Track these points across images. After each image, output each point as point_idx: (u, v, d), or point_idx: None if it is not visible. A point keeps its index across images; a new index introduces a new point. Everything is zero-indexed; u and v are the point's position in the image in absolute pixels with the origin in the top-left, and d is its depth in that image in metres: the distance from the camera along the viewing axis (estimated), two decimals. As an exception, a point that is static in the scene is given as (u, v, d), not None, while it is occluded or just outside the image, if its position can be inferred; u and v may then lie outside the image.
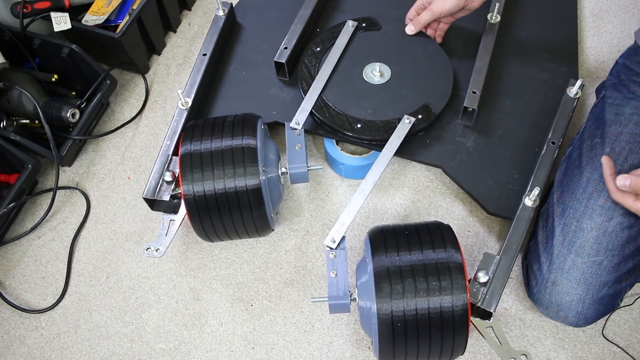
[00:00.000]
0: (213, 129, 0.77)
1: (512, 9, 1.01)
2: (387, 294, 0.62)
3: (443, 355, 0.66)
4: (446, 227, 0.69)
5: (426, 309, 0.62)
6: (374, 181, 0.78)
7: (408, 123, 0.83)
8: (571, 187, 0.76)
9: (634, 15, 1.08)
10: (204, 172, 0.73)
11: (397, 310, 0.62)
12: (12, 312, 0.86)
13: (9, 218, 0.92)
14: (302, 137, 0.82)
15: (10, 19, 0.99)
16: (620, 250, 0.71)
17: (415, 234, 0.68)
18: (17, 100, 0.93)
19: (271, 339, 0.81)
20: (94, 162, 1.00)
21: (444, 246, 0.66)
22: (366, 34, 0.95)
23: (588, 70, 1.02)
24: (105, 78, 0.97)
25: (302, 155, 0.79)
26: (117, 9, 1.03)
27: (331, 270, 0.72)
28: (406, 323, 0.62)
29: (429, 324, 0.62)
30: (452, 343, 0.64)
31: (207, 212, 0.74)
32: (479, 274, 0.69)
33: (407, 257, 0.65)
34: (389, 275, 0.63)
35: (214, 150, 0.74)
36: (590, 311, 0.71)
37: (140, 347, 0.82)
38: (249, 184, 0.73)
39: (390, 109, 0.86)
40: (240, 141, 0.74)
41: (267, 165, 0.77)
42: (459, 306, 0.62)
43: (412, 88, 0.88)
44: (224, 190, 0.73)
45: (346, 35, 0.93)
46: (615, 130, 0.77)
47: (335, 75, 0.90)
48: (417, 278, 0.63)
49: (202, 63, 0.93)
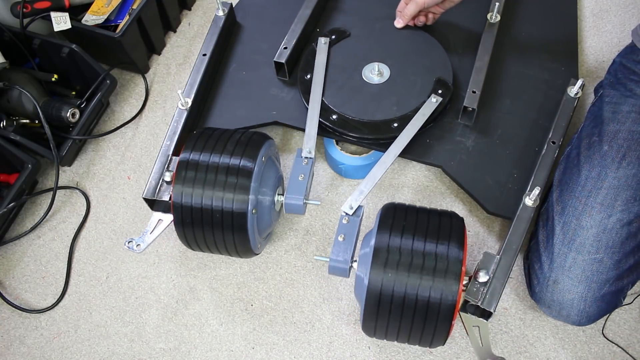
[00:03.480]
0: (217, 141, 0.75)
1: (512, 8, 1.01)
2: (381, 270, 0.64)
3: (422, 341, 0.68)
4: (457, 221, 0.69)
5: (414, 294, 0.64)
6: (395, 154, 0.80)
7: (435, 102, 0.84)
8: (570, 185, 0.76)
9: (633, 15, 1.08)
10: (195, 184, 0.72)
11: (386, 287, 0.64)
12: (12, 312, 0.86)
13: (9, 218, 0.92)
14: (309, 168, 0.78)
15: (10, 19, 0.99)
16: (621, 247, 0.71)
17: (425, 220, 0.69)
18: (17, 100, 0.94)
19: (271, 338, 0.81)
20: (94, 162, 1.00)
21: (448, 238, 0.66)
22: (365, 34, 0.95)
23: (588, 70, 1.02)
24: (105, 78, 0.97)
25: (303, 187, 0.76)
26: (117, 9, 1.03)
27: (340, 234, 0.73)
28: (392, 301, 0.64)
29: (414, 308, 0.64)
30: (432, 332, 0.66)
31: (191, 223, 0.73)
32: (479, 273, 0.69)
33: (409, 240, 0.66)
34: (387, 253, 0.65)
35: (210, 165, 0.73)
36: (593, 309, 0.71)
37: (140, 347, 0.82)
38: (236, 207, 0.71)
39: (390, 109, 0.86)
40: (238, 162, 0.73)
41: (262, 191, 0.75)
42: (447, 299, 0.64)
43: (412, 87, 0.88)
44: (210, 206, 0.72)
45: (323, 53, 0.91)
46: (613, 128, 0.77)
47: (335, 76, 0.90)
48: (413, 263, 0.64)
49: (202, 63, 0.93)
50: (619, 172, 0.73)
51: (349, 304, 0.83)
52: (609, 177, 0.74)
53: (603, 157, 0.75)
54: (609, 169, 0.74)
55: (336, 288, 0.84)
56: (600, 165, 0.75)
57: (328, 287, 0.84)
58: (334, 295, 0.84)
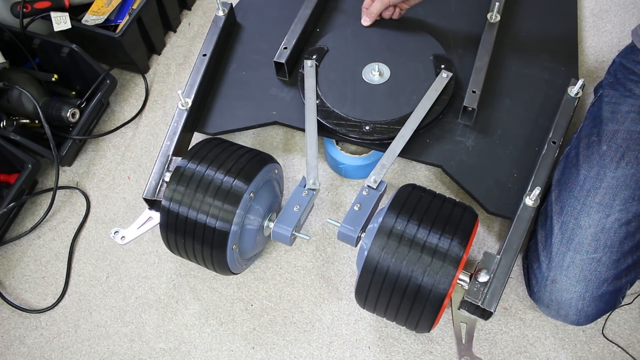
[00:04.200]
0: (219, 154, 0.75)
1: (512, 8, 1.01)
2: (381, 246, 0.66)
3: (408, 323, 0.70)
4: (470, 214, 0.69)
5: (408, 275, 0.65)
6: (412, 128, 0.82)
7: (445, 77, 0.86)
8: (569, 185, 0.76)
9: (634, 15, 1.08)
10: (186, 192, 0.72)
11: (383, 262, 0.66)
12: (12, 312, 0.86)
13: (9, 218, 0.92)
14: (307, 199, 0.76)
15: (10, 19, 0.99)
16: (619, 247, 0.71)
17: (437, 206, 0.69)
18: (17, 100, 0.94)
19: (271, 338, 0.81)
20: (94, 162, 1.00)
21: (455, 229, 0.67)
22: (365, 34, 0.95)
23: (588, 70, 1.02)
24: (105, 78, 0.97)
25: (295, 218, 0.74)
26: (117, 9, 1.03)
27: (357, 204, 0.74)
28: (386, 277, 0.66)
29: (405, 288, 0.66)
30: (419, 316, 0.67)
31: (174, 229, 0.74)
32: (479, 273, 0.69)
33: (416, 222, 0.67)
34: (391, 231, 0.66)
35: (205, 176, 0.72)
36: (591, 308, 0.71)
37: (140, 347, 0.82)
38: (219, 225, 0.71)
39: (390, 108, 0.86)
40: (232, 180, 0.72)
41: (251, 214, 0.74)
42: (439, 287, 0.64)
43: (412, 86, 0.88)
44: (195, 218, 0.71)
45: (311, 77, 0.89)
46: (612, 128, 0.77)
47: (335, 77, 0.90)
48: (414, 245, 0.66)
49: (202, 63, 0.93)
50: (618, 172, 0.73)
51: (349, 304, 0.83)
52: (607, 176, 0.74)
53: (602, 157, 0.75)
54: (607, 168, 0.74)
55: (336, 288, 0.84)
56: (599, 165, 0.75)
57: (328, 287, 0.84)
58: (334, 295, 0.84)
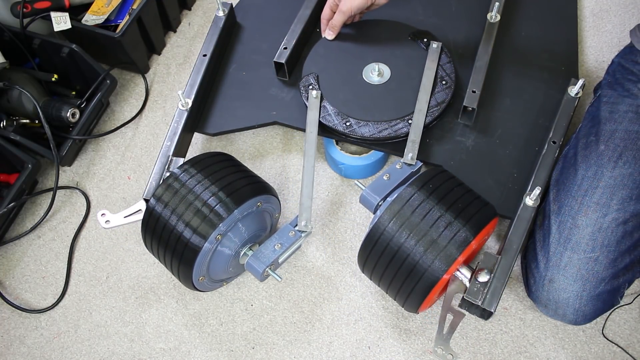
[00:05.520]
0: (216, 172, 0.74)
1: (512, 8, 1.01)
2: (390, 217, 0.68)
3: (398, 297, 0.72)
4: (487, 209, 0.70)
5: (408, 251, 0.67)
6: (426, 101, 0.84)
7: (436, 47, 0.89)
8: (567, 185, 0.76)
9: (634, 15, 1.08)
10: (172, 199, 0.72)
11: (387, 233, 0.68)
12: (12, 312, 0.86)
13: (9, 218, 0.92)
14: (291, 240, 0.75)
15: (10, 19, 0.99)
16: (616, 246, 0.71)
17: (458, 194, 0.70)
18: (17, 100, 0.94)
19: (271, 338, 0.81)
20: (94, 162, 1.00)
21: (468, 219, 0.67)
22: (364, 34, 0.95)
23: (588, 70, 1.02)
24: (105, 78, 0.97)
25: (271, 256, 0.73)
26: (117, 9, 1.03)
27: (386, 174, 0.77)
28: (387, 247, 0.68)
29: (402, 262, 0.67)
30: (407, 294, 0.69)
31: (152, 231, 0.74)
32: (480, 273, 0.69)
33: (431, 203, 0.68)
34: (404, 205, 0.68)
35: (195, 189, 0.72)
36: (589, 308, 0.71)
37: (140, 347, 0.82)
38: (192, 240, 0.70)
39: (391, 108, 0.86)
40: (218, 200, 0.71)
41: (228, 239, 0.73)
42: (433, 271, 0.66)
43: (412, 86, 0.88)
44: (173, 226, 0.71)
45: (315, 110, 0.86)
46: (610, 128, 0.77)
47: (335, 77, 0.90)
48: (422, 224, 0.67)
49: (202, 64, 0.93)
50: (615, 172, 0.73)
51: (349, 304, 0.83)
52: (605, 176, 0.74)
53: (599, 157, 0.75)
54: (605, 168, 0.74)
55: (336, 288, 0.84)
56: (597, 165, 0.75)
57: (328, 287, 0.84)
58: (334, 295, 0.84)
